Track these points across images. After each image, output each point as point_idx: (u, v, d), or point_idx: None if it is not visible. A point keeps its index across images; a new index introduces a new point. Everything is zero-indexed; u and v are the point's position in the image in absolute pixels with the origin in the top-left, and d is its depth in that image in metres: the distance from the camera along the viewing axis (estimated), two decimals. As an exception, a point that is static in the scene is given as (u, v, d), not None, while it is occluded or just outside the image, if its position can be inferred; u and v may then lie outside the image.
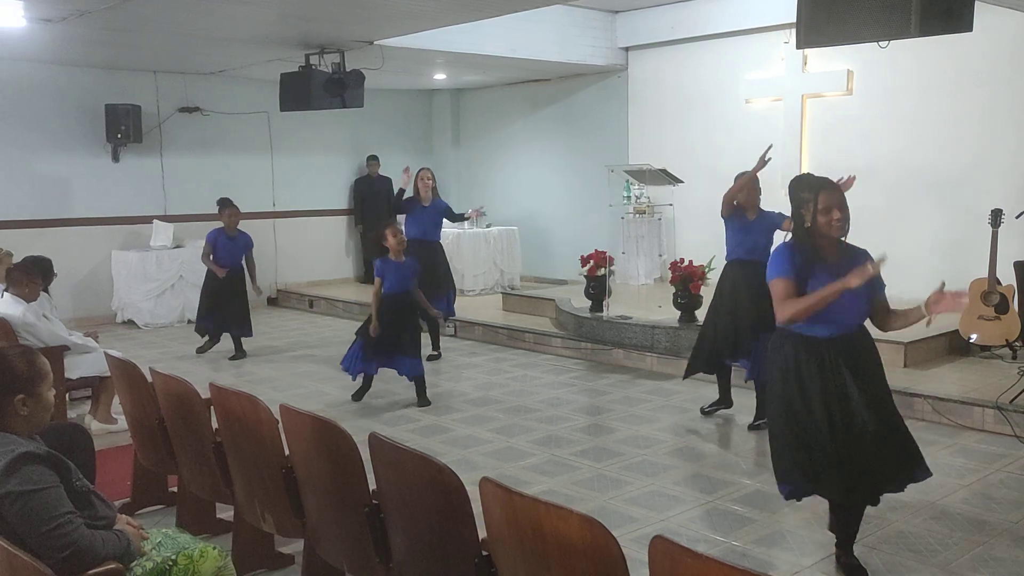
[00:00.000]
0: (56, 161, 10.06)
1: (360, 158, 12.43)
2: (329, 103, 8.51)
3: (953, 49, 7.65)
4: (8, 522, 2.33)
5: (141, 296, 10.13)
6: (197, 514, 4.04)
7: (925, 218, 8.40)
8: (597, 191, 10.67)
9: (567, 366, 7.79)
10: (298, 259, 12.04)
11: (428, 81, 11.99)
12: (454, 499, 2.46)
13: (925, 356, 6.81)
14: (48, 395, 2.56)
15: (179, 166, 10.85)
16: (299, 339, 9.35)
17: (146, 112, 10.40)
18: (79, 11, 6.80)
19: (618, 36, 10.61)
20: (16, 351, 2.54)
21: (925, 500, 4.46)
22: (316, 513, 3.18)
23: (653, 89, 10.69)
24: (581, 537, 2.06)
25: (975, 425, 5.65)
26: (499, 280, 11.33)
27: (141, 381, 4.07)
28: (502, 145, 12.68)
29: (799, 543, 3.99)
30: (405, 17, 7.38)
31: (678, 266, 7.49)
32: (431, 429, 5.92)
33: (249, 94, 11.16)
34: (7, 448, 2.38)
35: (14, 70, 9.60)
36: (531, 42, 9.66)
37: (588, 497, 4.59)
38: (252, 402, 3.29)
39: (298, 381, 7.36)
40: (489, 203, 12.33)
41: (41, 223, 9.85)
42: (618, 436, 5.67)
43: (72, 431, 3.77)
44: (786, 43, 9.04)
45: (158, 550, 2.71)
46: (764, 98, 9.59)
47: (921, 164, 8.38)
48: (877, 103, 8.68)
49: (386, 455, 2.74)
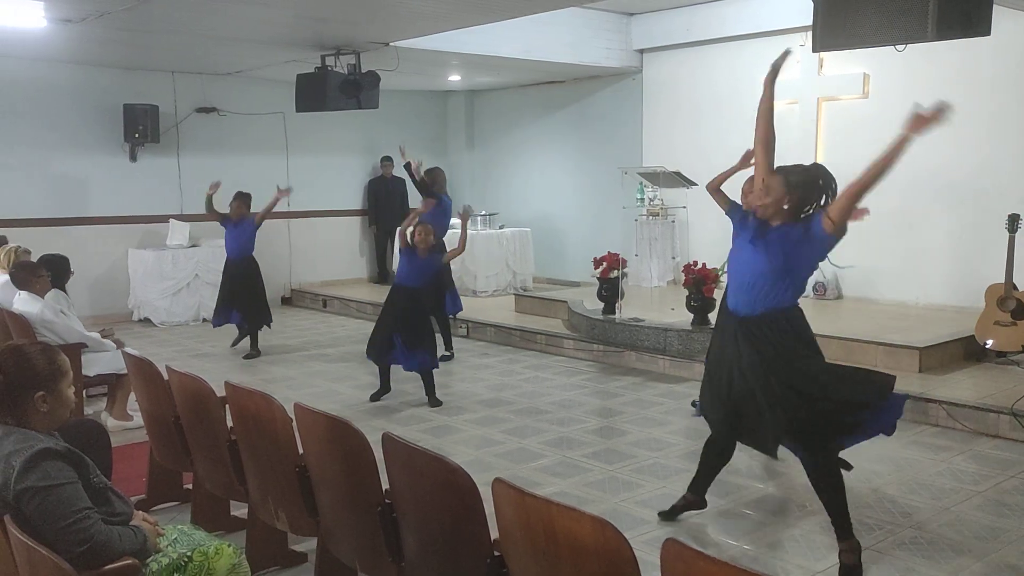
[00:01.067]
0: (74, 160, 10.15)
1: (374, 159, 12.48)
2: (344, 104, 8.56)
3: (970, 52, 7.61)
4: (27, 517, 2.36)
5: (157, 294, 10.21)
6: (211, 511, 4.07)
7: (941, 223, 8.36)
8: (610, 193, 10.67)
9: (579, 368, 7.80)
10: (312, 259, 12.10)
11: (443, 82, 12.03)
12: (467, 500, 2.47)
13: (940, 361, 6.77)
14: (68, 392, 2.59)
15: (195, 166, 10.92)
16: (313, 338, 9.40)
17: (164, 112, 10.48)
18: (99, 12, 6.87)
19: (633, 38, 10.61)
20: (37, 348, 2.57)
21: (939, 506, 4.44)
22: (329, 512, 3.20)
23: (668, 91, 10.68)
24: (593, 539, 2.07)
25: (990, 431, 5.62)
26: (511, 281, 11.34)
27: (158, 379, 4.10)
28: (516, 146, 12.69)
29: (811, 547, 3.98)
30: (420, 19, 7.41)
31: (691, 269, 7.48)
32: (443, 429, 5.94)
33: (265, 95, 11.22)
34: (27, 444, 2.41)
35: (34, 70, 9.69)
36: (546, 44, 9.67)
37: (599, 499, 4.59)
38: (267, 401, 3.31)
39: (311, 380, 7.40)
40: (502, 204, 12.35)
41: (59, 221, 9.95)
42: (630, 439, 5.67)
43: (90, 427, 3.80)
44: (802, 46, 8.99)
45: (173, 546, 2.73)
46: (779, 101, 9.42)
47: (937, 168, 8.33)
48: (893, 106, 8.59)
49: (399, 455, 2.76)
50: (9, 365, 2.47)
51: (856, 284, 8.93)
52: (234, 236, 8.24)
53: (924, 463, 5.13)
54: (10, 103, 9.67)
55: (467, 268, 10.73)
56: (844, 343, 6.81)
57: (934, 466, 5.08)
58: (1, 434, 2.46)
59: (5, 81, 9.60)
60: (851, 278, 8.91)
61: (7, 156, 9.71)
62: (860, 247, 8.22)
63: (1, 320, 5.68)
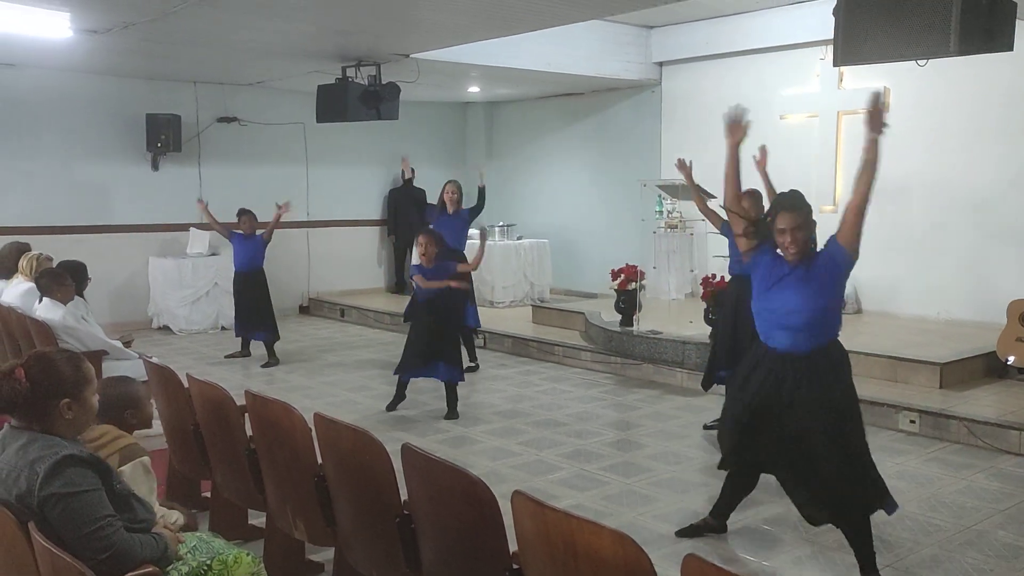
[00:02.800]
0: (97, 169, 10.26)
1: (394, 169, 12.53)
2: (365, 115, 8.60)
3: (991, 66, 7.53)
4: (50, 523, 2.37)
5: (176, 302, 10.29)
6: (229, 519, 4.09)
7: (962, 237, 8.29)
8: (629, 205, 10.64)
9: (596, 380, 7.78)
10: (330, 268, 12.16)
11: (462, 94, 12.07)
12: (486, 512, 2.47)
13: (961, 378, 6.71)
14: (92, 400, 2.61)
15: (216, 175, 11.01)
16: (331, 347, 9.43)
17: (186, 122, 10.58)
18: (124, 23, 6.95)
19: (652, 51, 10.61)
20: (63, 355, 2.59)
21: (960, 524, 4.39)
22: (347, 521, 3.21)
23: (687, 104, 10.67)
24: (613, 553, 2.06)
25: (1012, 448, 5.56)
26: (529, 292, 11.34)
27: (178, 386, 4.13)
28: (535, 158, 12.71)
29: (831, 564, 3.95)
30: (441, 31, 7.45)
31: (709, 282, 7.46)
32: (460, 440, 5.94)
33: (286, 105, 11.31)
34: (51, 451, 2.43)
35: (58, 80, 9.82)
36: (565, 56, 9.70)
37: (617, 512, 4.58)
38: (286, 410, 3.33)
39: (329, 390, 7.42)
40: (521, 215, 12.35)
41: (81, 229, 10.05)
42: (648, 452, 5.65)
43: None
44: (822, 60, 9.00)
45: (193, 554, 2.75)
46: (799, 114, 9.54)
47: (958, 182, 8.28)
48: (913, 121, 8.59)
49: (419, 466, 2.76)
50: (36, 372, 2.49)
51: (876, 298, 8.87)
52: (244, 249, 8.32)
53: (945, 480, 5.08)
54: (35, 112, 9.79)
55: (484, 279, 10.73)
56: (864, 358, 6.76)
57: (955, 484, 5.03)
58: (26, 440, 2.48)
59: (30, 91, 9.73)
60: (871, 292, 8.85)
61: (31, 164, 9.83)
62: (880, 261, 8.18)
63: (24, 327, 5.74)
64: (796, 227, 3.57)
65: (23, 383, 2.47)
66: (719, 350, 5.99)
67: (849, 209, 3.54)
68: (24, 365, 2.52)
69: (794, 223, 3.58)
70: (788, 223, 3.58)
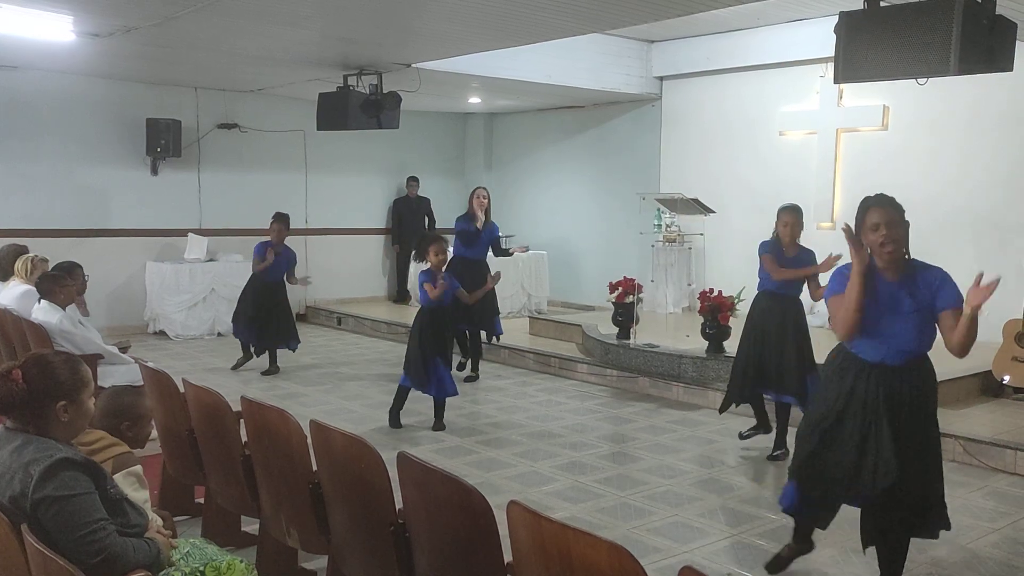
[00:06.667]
0: (97, 173, 10.26)
1: (394, 178, 12.56)
2: (365, 124, 8.61)
3: (990, 86, 7.61)
4: (44, 526, 2.36)
5: (173, 307, 10.27)
6: (223, 526, 4.06)
7: (959, 257, 8.28)
8: (628, 218, 10.68)
9: (592, 392, 7.77)
10: (329, 276, 12.12)
11: (463, 104, 12.11)
12: (482, 522, 2.46)
13: (957, 396, 6.71)
14: (89, 403, 2.60)
15: (215, 181, 11.02)
16: (326, 356, 9.41)
17: (186, 127, 10.60)
18: (126, 27, 6.97)
19: (653, 65, 10.66)
20: (60, 358, 2.58)
21: (955, 544, 4.38)
22: (342, 530, 3.19)
23: (687, 119, 10.72)
24: (609, 565, 2.05)
25: (1007, 468, 5.56)
26: (526, 304, 11.35)
27: (173, 392, 4.12)
28: (534, 170, 12.74)
29: (825, 581, 3.94)
30: (444, 41, 7.48)
31: (707, 296, 7.46)
32: (455, 450, 5.93)
33: (286, 112, 11.33)
34: (46, 453, 2.42)
35: (59, 83, 9.83)
36: (566, 69, 9.74)
37: (611, 525, 4.56)
38: (282, 417, 3.32)
39: (325, 397, 7.41)
40: (519, 227, 12.37)
41: (80, 233, 10.04)
42: (643, 465, 5.64)
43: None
44: (822, 77, 9.04)
45: (185, 560, 2.73)
46: (798, 131, 9.58)
47: (956, 201, 8.31)
48: (912, 139, 8.63)
49: (414, 475, 2.75)
50: (33, 374, 2.49)
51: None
52: (274, 262, 8.17)
53: (940, 499, 5.06)
54: (35, 115, 9.80)
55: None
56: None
57: (950, 502, 4.97)
58: (21, 442, 2.47)
59: (31, 93, 9.74)
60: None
61: (31, 167, 9.83)
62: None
63: (20, 329, 5.73)
64: (890, 222, 3.41)
65: (20, 384, 2.47)
66: (748, 367, 5.69)
67: (959, 333, 3.39)
68: (22, 367, 2.51)
69: (888, 217, 3.41)
70: (882, 217, 3.41)
